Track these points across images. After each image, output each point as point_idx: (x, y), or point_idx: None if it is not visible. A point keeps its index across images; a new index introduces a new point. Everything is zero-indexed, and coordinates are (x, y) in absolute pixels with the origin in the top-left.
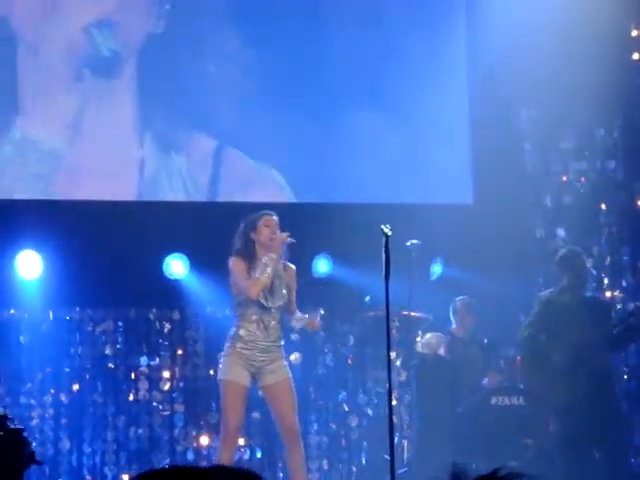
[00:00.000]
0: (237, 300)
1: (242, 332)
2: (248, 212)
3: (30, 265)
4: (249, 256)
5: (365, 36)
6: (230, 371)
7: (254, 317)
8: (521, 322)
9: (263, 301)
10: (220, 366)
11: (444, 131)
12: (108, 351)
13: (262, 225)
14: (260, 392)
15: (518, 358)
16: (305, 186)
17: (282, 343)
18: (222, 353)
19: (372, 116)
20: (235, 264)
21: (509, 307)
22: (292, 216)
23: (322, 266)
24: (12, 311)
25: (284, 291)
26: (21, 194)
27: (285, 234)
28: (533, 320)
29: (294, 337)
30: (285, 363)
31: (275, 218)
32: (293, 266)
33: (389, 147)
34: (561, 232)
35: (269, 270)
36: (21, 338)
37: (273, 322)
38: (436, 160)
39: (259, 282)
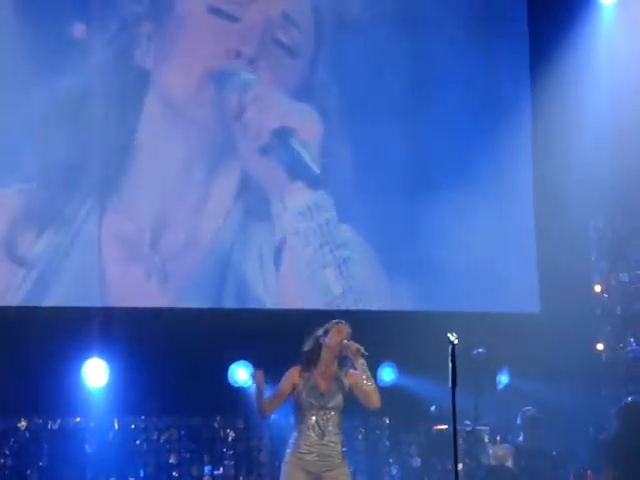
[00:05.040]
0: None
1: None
2: (313, 319)
3: (97, 373)
4: (313, 359)
5: (429, 150)
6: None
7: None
8: (590, 433)
9: (315, 402)
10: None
11: (511, 240)
12: (172, 460)
13: (334, 331)
14: None
15: (589, 472)
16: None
17: (343, 449)
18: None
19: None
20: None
21: (578, 418)
22: (356, 324)
23: (386, 375)
24: (78, 419)
25: (340, 395)
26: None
27: (357, 345)
28: (613, 427)
29: (358, 445)
30: (347, 472)
31: (347, 327)
32: (352, 371)
33: (453, 255)
34: (631, 341)
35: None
36: (87, 447)
37: (330, 426)
38: (503, 269)
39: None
